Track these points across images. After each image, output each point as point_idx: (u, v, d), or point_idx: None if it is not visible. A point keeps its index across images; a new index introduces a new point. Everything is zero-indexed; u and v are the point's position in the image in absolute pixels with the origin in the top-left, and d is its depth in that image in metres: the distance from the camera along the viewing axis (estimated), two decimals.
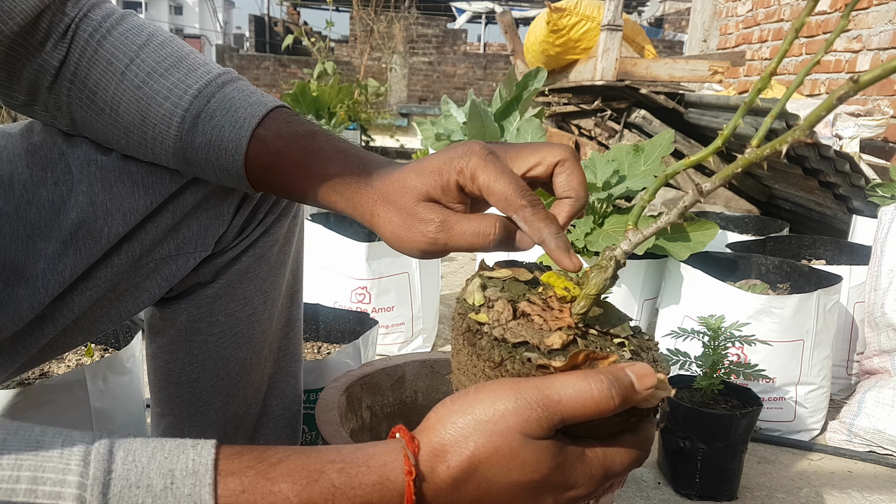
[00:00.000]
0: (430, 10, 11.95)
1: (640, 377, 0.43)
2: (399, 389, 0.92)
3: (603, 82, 3.18)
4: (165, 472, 0.37)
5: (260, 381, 0.80)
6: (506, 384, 0.43)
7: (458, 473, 0.42)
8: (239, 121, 0.58)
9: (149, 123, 0.59)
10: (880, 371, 1.41)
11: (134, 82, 0.59)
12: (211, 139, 0.58)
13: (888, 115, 2.42)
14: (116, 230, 0.63)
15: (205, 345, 0.74)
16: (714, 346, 1.16)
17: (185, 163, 0.61)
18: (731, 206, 2.76)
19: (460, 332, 0.49)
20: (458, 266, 2.57)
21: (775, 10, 3.98)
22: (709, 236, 1.55)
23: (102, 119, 0.61)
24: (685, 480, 1.17)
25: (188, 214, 0.67)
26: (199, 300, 0.73)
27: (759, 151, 0.42)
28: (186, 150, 0.60)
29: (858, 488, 1.23)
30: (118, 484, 0.36)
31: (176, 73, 0.59)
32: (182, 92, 0.59)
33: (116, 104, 0.59)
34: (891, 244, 1.40)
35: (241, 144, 0.58)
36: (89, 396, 0.96)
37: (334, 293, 1.66)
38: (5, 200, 0.61)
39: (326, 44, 5.51)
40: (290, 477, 0.40)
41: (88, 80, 0.60)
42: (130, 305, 0.69)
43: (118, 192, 0.63)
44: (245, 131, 0.58)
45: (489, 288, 0.51)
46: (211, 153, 0.59)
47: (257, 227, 0.73)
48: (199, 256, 0.69)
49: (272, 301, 0.77)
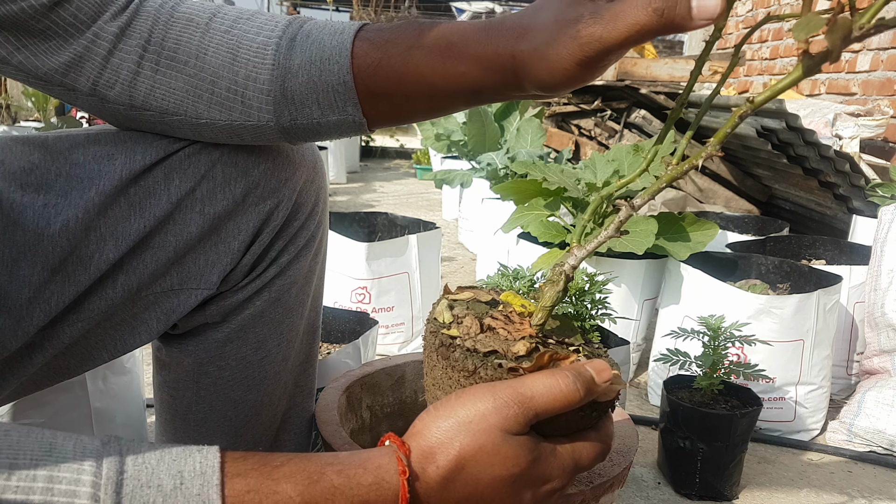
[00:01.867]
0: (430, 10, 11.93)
1: (598, 371, 0.49)
2: (399, 389, 0.92)
3: (603, 82, 3.18)
4: (175, 473, 0.39)
5: (272, 420, 0.76)
6: (483, 388, 0.47)
7: (446, 472, 0.45)
8: (337, 32, 0.56)
9: (240, 61, 0.57)
10: (880, 371, 1.41)
11: (221, 28, 0.58)
12: (311, 55, 0.55)
13: (888, 115, 2.41)
14: (107, 256, 0.60)
15: (213, 387, 0.71)
16: (714, 346, 1.16)
17: (283, 97, 0.57)
18: (731, 206, 2.76)
19: (434, 349, 0.53)
20: (458, 266, 2.58)
21: (775, 10, 3.98)
22: (709, 236, 1.55)
23: (185, 72, 0.58)
24: (685, 480, 1.17)
25: (193, 248, 0.64)
26: (207, 343, 0.69)
27: (678, 168, 0.46)
28: (285, 78, 0.56)
29: (858, 488, 1.23)
30: (130, 484, 0.38)
31: (260, 16, 0.59)
32: (273, 25, 0.57)
33: (203, 51, 0.57)
34: (891, 244, 1.40)
35: (346, 45, 0.54)
36: (89, 396, 0.96)
37: (334, 293, 1.66)
38: None
39: None
40: (293, 478, 0.42)
41: (167, 41, 0.58)
42: (129, 338, 0.66)
43: (112, 216, 0.60)
44: (347, 35, 0.55)
45: (456, 307, 0.56)
46: (313, 70, 0.55)
47: (271, 267, 0.69)
48: (202, 294, 0.66)
49: (287, 343, 0.73)
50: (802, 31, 0.38)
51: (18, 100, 4.22)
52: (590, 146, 3.15)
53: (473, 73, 0.52)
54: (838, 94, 3.27)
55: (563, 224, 1.62)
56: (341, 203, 3.75)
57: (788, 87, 0.41)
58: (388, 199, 3.92)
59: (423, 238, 1.69)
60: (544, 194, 1.66)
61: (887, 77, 2.94)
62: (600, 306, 1.15)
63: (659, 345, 1.52)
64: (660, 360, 1.21)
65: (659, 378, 1.45)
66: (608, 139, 3.20)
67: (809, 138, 1.99)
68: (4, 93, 4.31)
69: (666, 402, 1.18)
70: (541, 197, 1.67)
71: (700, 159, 0.45)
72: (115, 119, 0.62)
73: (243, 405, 0.72)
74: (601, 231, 0.51)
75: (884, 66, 2.96)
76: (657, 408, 1.43)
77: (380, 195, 4.03)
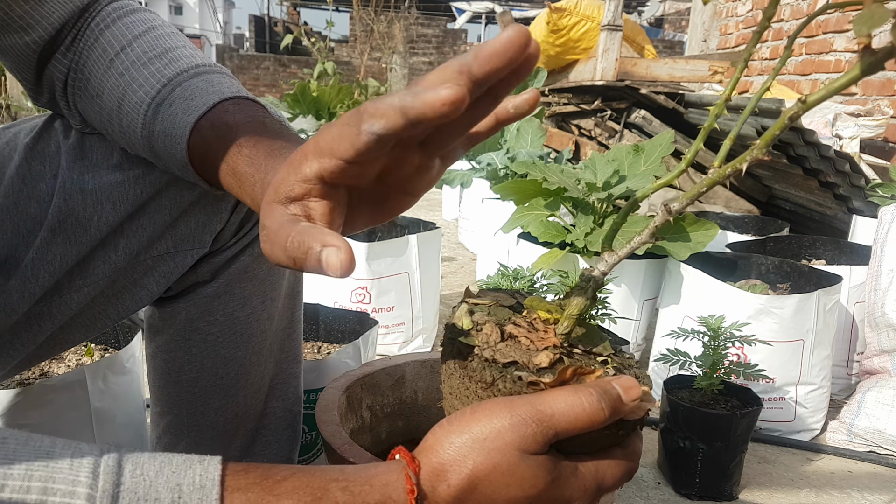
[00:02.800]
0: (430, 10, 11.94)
1: (625, 389, 0.45)
2: (399, 389, 0.92)
3: (603, 82, 3.18)
4: (173, 486, 0.38)
5: (260, 382, 0.80)
6: (500, 402, 0.44)
7: (458, 492, 0.42)
8: (190, 109, 0.55)
9: (124, 111, 0.59)
10: (880, 371, 1.41)
11: (118, 69, 0.59)
12: (165, 128, 0.56)
13: (888, 115, 2.42)
14: (107, 219, 0.63)
15: (203, 344, 0.74)
16: (714, 346, 1.16)
17: (152, 153, 0.59)
18: (731, 206, 2.76)
19: (451, 357, 0.50)
20: (458, 266, 2.58)
21: (776, 10, 3.97)
22: (709, 236, 1.55)
23: (94, 107, 0.61)
24: (685, 480, 1.17)
25: (185, 211, 0.67)
26: (197, 299, 0.73)
27: (721, 171, 0.44)
28: (151, 139, 0.58)
29: (858, 488, 1.23)
30: (126, 497, 0.37)
31: (158, 62, 0.58)
32: (155, 81, 0.57)
33: (101, 91, 0.59)
34: (891, 244, 1.40)
35: (185, 132, 0.55)
36: (89, 396, 0.96)
37: (334, 293, 1.66)
38: (4, 196, 0.62)
39: (326, 44, 5.51)
40: (295, 494, 0.40)
41: (85, 68, 0.60)
42: (129, 303, 0.70)
43: (108, 181, 0.63)
44: (191, 118, 0.55)
45: (476, 313, 0.53)
46: (167, 142, 0.57)
47: (255, 226, 0.73)
48: (197, 253, 0.70)
49: (271, 301, 0.77)
50: (865, 25, 0.34)
51: (18, 100, 4.22)
52: (590, 146, 3.15)
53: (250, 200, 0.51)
54: (838, 94, 3.27)
55: (564, 224, 1.62)
56: None
57: (845, 86, 0.38)
58: None
59: (424, 238, 1.68)
60: (544, 194, 1.66)
61: (887, 77, 2.94)
62: (600, 306, 1.15)
63: (659, 345, 1.52)
64: (660, 360, 1.21)
65: (659, 378, 1.45)
66: (608, 139, 3.20)
67: (809, 138, 1.99)
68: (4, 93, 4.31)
69: (666, 402, 1.18)
70: (541, 197, 1.67)
71: (745, 163, 0.42)
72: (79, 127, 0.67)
73: (233, 362, 0.75)
74: (634, 238, 0.48)
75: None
76: (657, 408, 1.44)
77: None
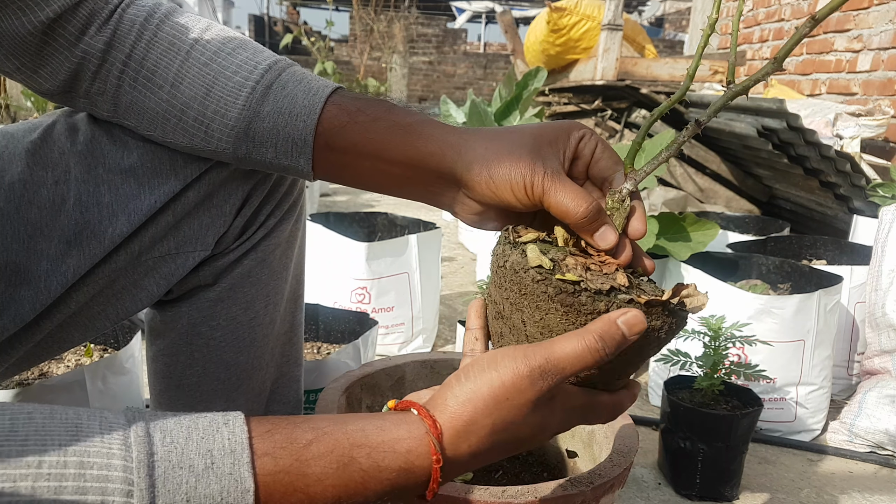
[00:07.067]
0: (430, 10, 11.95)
1: (629, 326, 0.48)
2: (399, 390, 0.92)
3: (603, 82, 3.18)
4: (204, 452, 0.39)
5: (262, 387, 0.79)
6: (515, 354, 0.47)
7: (476, 449, 0.46)
8: (313, 89, 0.60)
9: (213, 96, 0.60)
10: (881, 371, 1.40)
11: (200, 60, 0.61)
12: (282, 107, 0.60)
13: (889, 115, 2.41)
14: (121, 230, 0.63)
15: (206, 348, 0.74)
16: (715, 346, 1.16)
17: (245, 134, 0.61)
18: (732, 206, 2.76)
19: (550, 298, 0.49)
20: (459, 266, 2.57)
21: (776, 9, 3.97)
22: (709, 236, 1.55)
23: (159, 97, 0.61)
24: (686, 481, 1.17)
25: (189, 213, 0.67)
26: (199, 303, 0.73)
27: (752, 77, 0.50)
28: (252, 120, 0.60)
29: (859, 489, 1.23)
30: (161, 465, 0.38)
31: (243, 52, 0.62)
32: (252, 67, 0.61)
33: (180, 80, 0.61)
34: (891, 244, 1.39)
35: (316, 107, 0.59)
36: (89, 397, 0.96)
37: (334, 293, 1.65)
38: (6, 200, 0.61)
39: (326, 43, 5.50)
40: (323, 460, 0.42)
41: (146, 61, 0.61)
42: (129, 303, 0.69)
43: (124, 194, 0.64)
44: (320, 97, 0.59)
45: (549, 252, 0.54)
46: (280, 120, 0.60)
47: (259, 230, 0.72)
48: (199, 256, 0.69)
49: (274, 305, 0.77)
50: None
51: (18, 100, 4.21)
52: None
53: (428, 148, 0.57)
54: (839, 94, 3.26)
55: None
56: (341, 203, 3.75)
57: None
58: (388, 199, 3.91)
59: (423, 238, 1.68)
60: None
61: (888, 77, 2.93)
62: None
63: None
64: (660, 360, 1.21)
65: (659, 378, 1.45)
66: (609, 139, 3.20)
67: (810, 138, 1.99)
68: (4, 93, 4.31)
69: (666, 402, 1.17)
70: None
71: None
72: (105, 117, 0.66)
73: (235, 367, 0.75)
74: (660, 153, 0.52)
75: (884, 66, 2.96)
76: (657, 408, 1.43)
77: (380, 195, 4.03)
